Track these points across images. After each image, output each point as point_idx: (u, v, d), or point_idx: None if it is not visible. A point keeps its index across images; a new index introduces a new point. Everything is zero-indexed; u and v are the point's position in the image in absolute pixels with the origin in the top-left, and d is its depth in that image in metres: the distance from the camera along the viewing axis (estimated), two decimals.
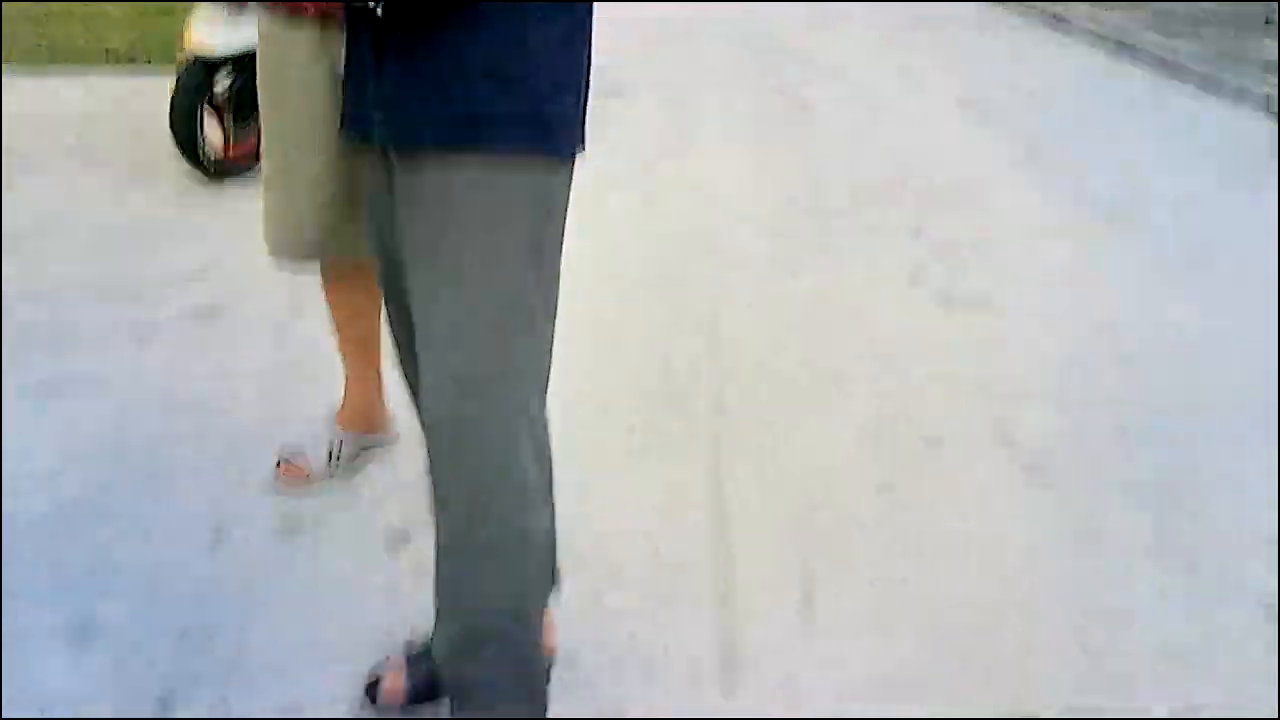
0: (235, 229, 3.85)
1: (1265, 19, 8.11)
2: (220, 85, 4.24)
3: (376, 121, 1.61)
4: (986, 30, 8.18)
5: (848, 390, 3.14)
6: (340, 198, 2.21)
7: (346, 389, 2.62)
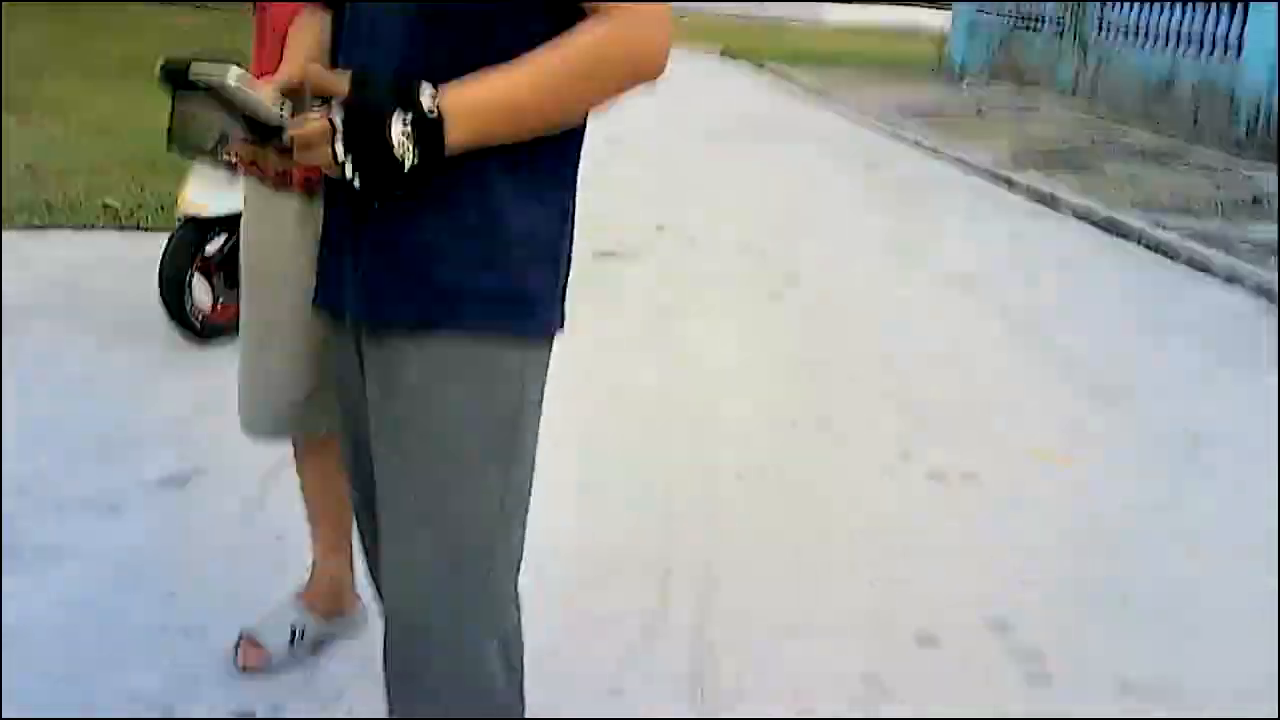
0: (213, 393, 3.77)
1: (1254, 198, 8.27)
2: (212, 246, 4.24)
3: (350, 297, 1.57)
4: (976, 205, 8.34)
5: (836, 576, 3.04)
6: (315, 374, 2.15)
7: (314, 567, 2.53)
